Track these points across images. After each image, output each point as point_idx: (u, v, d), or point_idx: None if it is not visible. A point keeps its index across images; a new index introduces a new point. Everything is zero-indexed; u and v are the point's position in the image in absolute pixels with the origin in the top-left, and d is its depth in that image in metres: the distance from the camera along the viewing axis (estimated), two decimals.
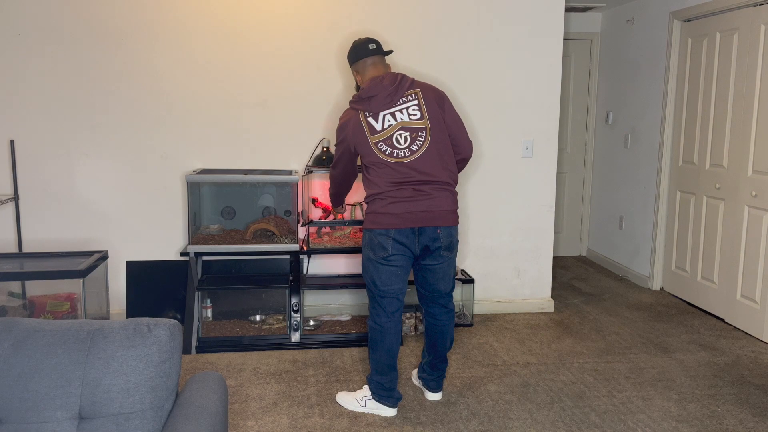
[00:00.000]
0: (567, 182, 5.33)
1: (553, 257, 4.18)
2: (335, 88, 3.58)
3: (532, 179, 3.86)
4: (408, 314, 3.56)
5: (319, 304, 3.73)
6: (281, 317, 3.55)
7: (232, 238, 3.39)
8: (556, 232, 4.18)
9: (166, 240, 3.57)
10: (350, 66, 2.64)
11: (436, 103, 2.52)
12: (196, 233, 3.40)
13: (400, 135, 2.43)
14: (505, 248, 3.91)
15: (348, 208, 3.48)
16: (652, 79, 4.40)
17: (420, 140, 2.44)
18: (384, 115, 2.45)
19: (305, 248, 3.38)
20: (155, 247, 3.57)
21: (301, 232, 3.51)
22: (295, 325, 3.34)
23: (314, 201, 3.52)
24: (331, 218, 3.51)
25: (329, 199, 2.92)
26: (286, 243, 3.35)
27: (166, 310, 3.54)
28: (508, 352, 3.32)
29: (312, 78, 3.56)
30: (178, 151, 3.53)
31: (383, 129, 2.44)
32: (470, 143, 2.61)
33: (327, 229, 3.57)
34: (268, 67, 3.52)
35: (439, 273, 2.55)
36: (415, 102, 2.48)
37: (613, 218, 4.99)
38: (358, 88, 2.68)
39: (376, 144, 2.44)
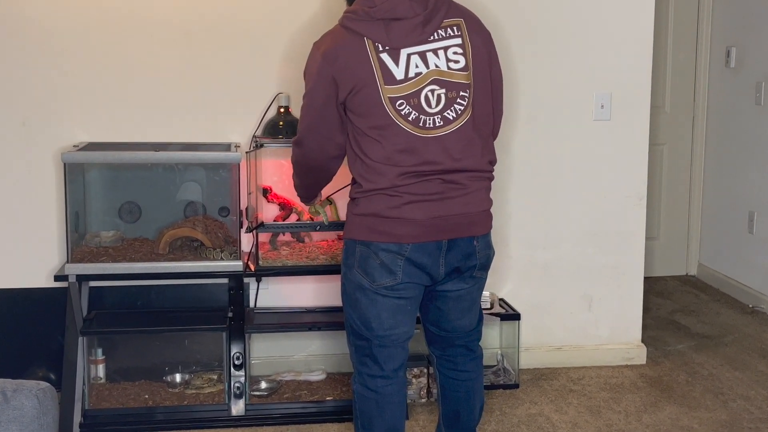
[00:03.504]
0: (666, 160, 5.28)
1: (646, 278, 4.09)
2: (299, 11, 3.56)
3: (609, 155, 3.84)
4: (415, 370, 3.53)
5: (275, 356, 3.72)
6: (215, 377, 3.53)
7: (136, 251, 3.36)
8: (649, 239, 4.18)
9: (30, 255, 3.54)
10: None
11: (484, 46, 2.51)
12: (79, 244, 3.37)
13: (432, 92, 2.40)
14: (568, 264, 3.90)
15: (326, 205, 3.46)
16: None
17: (461, 105, 2.44)
18: (409, 55, 2.40)
19: (252, 267, 3.38)
20: (14, 268, 3.54)
21: (246, 241, 3.49)
22: (238, 388, 3.32)
23: (266, 192, 3.50)
24: (294, 219, 3.50)
25: (296, 191, 2.88)
26: (221, 259, 3.33)
27: (33, 367, 3.51)
28: (574, 428, 3.31)
29: None
30: (48, 116, 3.50)
31: (407, 78, 2.39)
32: (502, 115, 2.67)
33: (287, 236, 3.53)
34: None
35: (465, 302, 2.57)
36: (458, 40, 2.45)
37: (739, 216, 4.96)
38: None
39: (392, 101, 2.38)
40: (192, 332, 3.52)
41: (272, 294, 3.67)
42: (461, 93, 2.43)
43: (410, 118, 2.38)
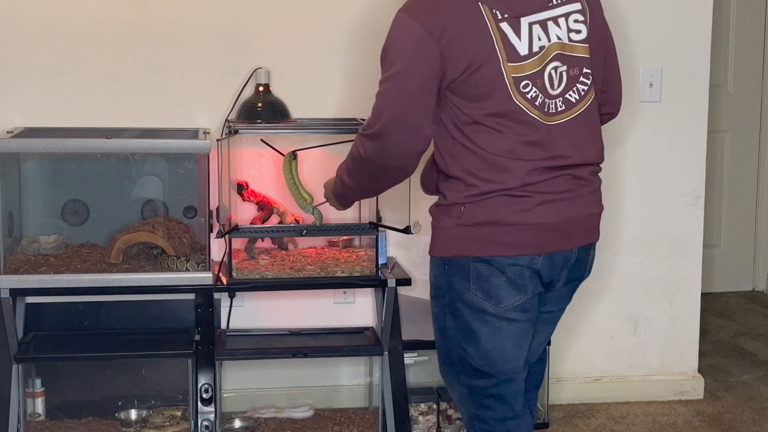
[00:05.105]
0: (728, 150, 5.22)
1: (703, 294, 4.07)
2: None
3: (659, 144, 3.77)
4: (422, 406, 3.43)
5: (252, 388, 3.65)
6: (179, 413, 3.47)
7: (82, 260, 3.28)
8: (707, 247, 4.18)
9: None
10: None
11: (600, 10, 2.49)
12: (14, 252, 3.30)
13: (555, 70, 2.31)
14: (609, 278, 3.80)
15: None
16: None
17: (584, 84, 2.36)
18: (530, 24, 2.28)
19: (224, 280, 3.26)
20: None
21: (217, 248, 3.38)
22: (207, 427, 3.23)
23: (242, 188, 3.38)
24: (275, 221, 3.38)
25: (336, 194, 2.67)
26: (186, 269, 3.23)
27: None
28: None
29: None
30: None
31: (531, 54, 2.27)
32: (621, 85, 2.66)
33: (266, 242, 3.43)
34: None
35: (554, 322, 2.59)
36: (578, 5, 2.37)
37: None
38: None
39: (516, 81, 2.25)
40: (151, 359, 3.46)
41: (248, 313, 3.59)
42: (584, 70, 2.35)
43: (536, 103, 2.27)
